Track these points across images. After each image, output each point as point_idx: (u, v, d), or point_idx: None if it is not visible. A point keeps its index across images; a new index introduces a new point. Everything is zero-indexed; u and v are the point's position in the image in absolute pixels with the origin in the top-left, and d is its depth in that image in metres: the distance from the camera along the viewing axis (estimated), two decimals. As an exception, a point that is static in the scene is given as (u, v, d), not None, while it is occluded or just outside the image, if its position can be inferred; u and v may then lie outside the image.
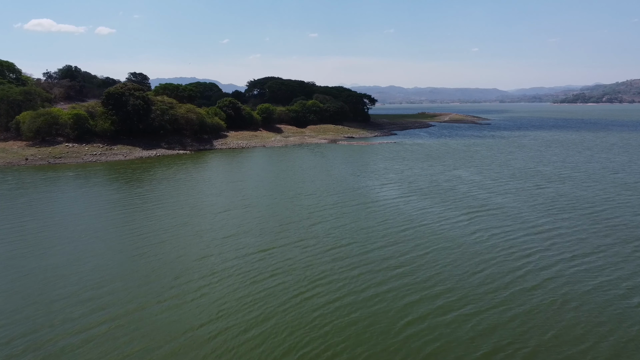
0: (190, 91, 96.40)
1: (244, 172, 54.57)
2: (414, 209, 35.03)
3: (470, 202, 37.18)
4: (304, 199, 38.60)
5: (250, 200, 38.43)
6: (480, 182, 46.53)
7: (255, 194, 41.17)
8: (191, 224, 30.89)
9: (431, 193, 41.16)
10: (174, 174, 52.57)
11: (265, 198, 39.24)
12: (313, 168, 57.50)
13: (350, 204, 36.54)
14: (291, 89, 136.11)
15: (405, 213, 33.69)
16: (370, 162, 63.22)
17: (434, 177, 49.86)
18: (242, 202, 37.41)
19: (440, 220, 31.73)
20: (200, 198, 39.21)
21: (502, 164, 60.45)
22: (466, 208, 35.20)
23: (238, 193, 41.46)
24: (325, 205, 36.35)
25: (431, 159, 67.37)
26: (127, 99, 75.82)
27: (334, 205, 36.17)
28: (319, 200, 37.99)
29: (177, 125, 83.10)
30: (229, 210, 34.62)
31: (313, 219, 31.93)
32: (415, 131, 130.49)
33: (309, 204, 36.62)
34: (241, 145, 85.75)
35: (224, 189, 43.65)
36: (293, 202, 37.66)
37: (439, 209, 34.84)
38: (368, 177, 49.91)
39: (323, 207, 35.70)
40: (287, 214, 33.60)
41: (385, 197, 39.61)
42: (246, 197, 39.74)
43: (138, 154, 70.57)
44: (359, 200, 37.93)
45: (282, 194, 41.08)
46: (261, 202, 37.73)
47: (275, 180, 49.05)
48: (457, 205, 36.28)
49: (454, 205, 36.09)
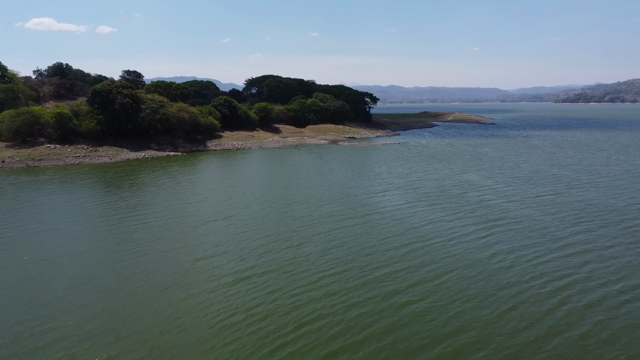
0: (183, 89, 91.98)
1: (235, 176, 50.14)
2: (421, 221, 30.55)
3: (485, 213, 32.66)
4: (296, 209, 34.13)
5: (235, 210, 33.95)
6: (493, 188, 42.02)
7: (243, 202, 36.70)
8: (162, 240, 26.45)
9: (440, 201, 36.67)
10: (158, 178, 48.16)
11: (253, 207, 34.77)
12: (310, 171, 53.06)
13: (349, 215, 32.07)
14: (290, 88, 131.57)
15: (412, 226, 29.21)
16: (372, 165, 58.75)
17: (442, 182, 45.37)
18: (226, 213, 32.94)
19: (453, 236, 27.23)
20: (180, 208, 34.77)
21: (513, 167, 55.93)
22: (481, 220, 30.69)
23: (224, 201, 37.00)
24: (320, 216, 31.88)
25: (437, 161, 62.86)
26: (114, 97, 71.45)
27: (330, 217, 31.69)
28: (314, 210, 33.51)
29: (168, 125, 78.74)
30: (209, 223, 30.17)
31: (305, 235, 27.46)
32: (419, 131, 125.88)
33: (301, 215, 32.14)
34: (236, 146, 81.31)
35: (209, 196, 39.20)
36: (284, 212, 33.18)
37: (450, 221, 30.35)
38: (370, 182, 45.45)
39: (318, 219, 31.23)
40: (275, 228, 29.14)
41: (389, 206, 35.12)
42: (232, 206, 35.27)
43: (125, 156, 66.18)
44: (359, 211, 33.45)
45: (272, 202, 36.61)
46: (248, 212, 33.25)
47: (268, 185, 44.60)
48: (470, 216, 31.77)
49: (467, 217, 31.58)
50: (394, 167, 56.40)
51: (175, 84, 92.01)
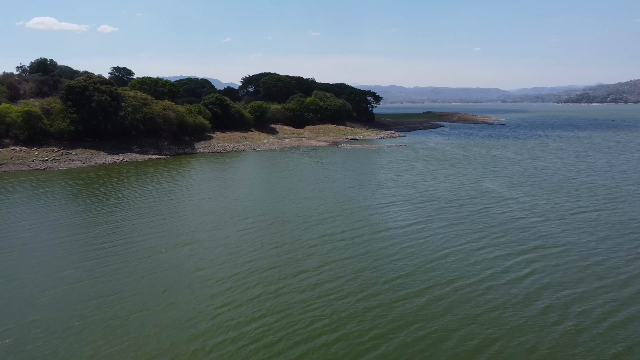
0: (171, 86, 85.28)
1: (217, 185, 43.47)
2: (438, 247, 23.87)
3: (517, 237, 25.92)
4: (282, 231, 27.46)
5: (204, 231, 27.27)
6: (519, 200, 35.29)
7: (217, 220, 30.01)
8: (92, 280, 19.79)
9: (458, 218, 29.96)
10: (125, 187, 41.51)
11: (227, 228, 28.08)
12: (306, 179, 46.37)
13: (345, 242, 25.36)
14: (288, 86, 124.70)
15: (426, 259, 22.49)
16: (376, 170, 52.01)
17: (457, 192, 38.64)
18: (191, 237, 26.25)
19: (482, 275, 20.51)
20: (137, 229, 28.10)
21: (535, 173, 49.20)
22: (515, 248, 23.96)
23: (193, 219, 30.31)
24: (309, 242, 25.18)
25: (448, 165, 56.14)
26: (90, 94, 64.86)
27: (322, 243, 24.97)
28: (303, 233, 26.82)
29: (152, 125, 72.10)
30: (166, 252, 23.51)
31: (286, 272, 20.79)
32: (425, 132, 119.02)
33: (287, 240, 25.45)
34: (227, 149, 74.60)
35: (177, 212, 32.49)
36: (265, 236, 26.50)
37: (475, 250, 23.64)
38: (373, 192, 38.72)
39: (306, 247, 24.54)
40: (250, 259, 22.45)
41: (395, 226, 28.41)
42: (201, 225, 28.58)
43: (100, 160, 59.56)
44: (358, 234, 26.74)
45: (254, 221, 29.91)
46: (218, 235, 26.57)
47: (253, 197, 37.90)
48: (500, 242, 25.06)
49: (496, 243, 24.87)
50: (400, 173, 49.69)
51: (162, 80, 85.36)
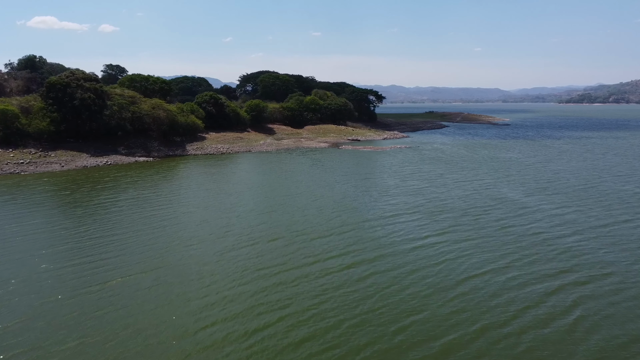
0: (162, 83, 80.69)
1: (201, 193, 39.00)
2: (456, 274, 19.42)
3: (547, 255, 21.47)
4: (268, 251, 22.98)
5: (174, 253, 22.75)
6: (542, 210, 30.87)
7: (193, 237, 25.49)
8: (16, 324, 15.32)
9: (475, 233, 25.53)
10: (98, 194, 36.99)
11: (204, 247, 23.57)
12: (303, 185, 41.91)
13: (344, 264, 20.88)
14: (287, 84, 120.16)
15: (443, 288, 18.03)
16: (380, 175, 47.55)
17: (471, 201, 34.19)
18: (158, 260, 21.72)
19: (518, 310, 16.08)
20: (94, 249, 23.58)
21: (553, 178, 44.89)
22: (548, 270, 19.50)
23: (164, 236, 25.78)
24: (299, 267, 20.69)
25: (458, 169, 51.78)
26: (73, 92, 60.36)
27: (314, 271, 20.47)
28: (293, 255, 22.32)
29: (141, 125, 67.66)
30: (121, 280, 19.03)
31: (268, 318, 16.32)
32: (429, 132, 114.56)
33: (270, 265, 20.94)
34: (221, 150, 70.10)
35: (147, 226, 27.98)
36: (247, 258, 21.97)
37: (502, 275, 19.20)
38: (376, 201, 34.24)
39: (294, 273, 20.04)
40: (224, 294, 17.98)
41: (403, 243, 23.94)
42: (171, 246, 24.03)
43: (82, 162, 55.05)
44: (360, 254, 22.24)
45: (236, 238, 25.39)
46: (194, 256, 22.06)
47: (240, 207, 33.40)
48: (528, 262, 20.64)
49: (523, 264, 20.47)
50: (406, 178, 45.29)
51: (153, 77, 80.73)
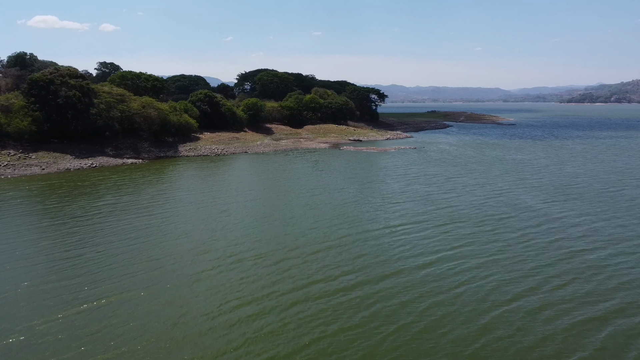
0: (155, 81, 76.61)
1: (187, 199, 34.96)
2: (478, 308, 15.43)
3: (584, 282, 17.57)
4: (253, 273, 18.97)
5: (141, 275, 18.74)
6: (567, 220, 27.05)
7: (167, 255, 21.47)
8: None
9: (494, 249, 21.62)
10: (73, 200, 32.92)
11: (179, 268, 19.54)
12: (300, 189, 37.90)
13: (341, 289, 16.90)
14: (286, 82, 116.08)
15: (463, 327, 14.06)
16: (383, 179, 43.56)
17: (484, 209, 30.27)
18: (119, 285, 17.74)
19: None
20: (52, 268, 19.55)
21: (571, 182, 41.27)
22: (590, 303, 15.57)
23: (135, 254, 21.76)
24: (288, 294, 16.68)
25: (466, 172, 48.09)
26: (57, 89, 56.30)
27: (306, 299, 16.48)
28: (281, 276, 18.31)
29: (131, 124, 63.64)
30: (81, 311, 15.04)
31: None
32: (433, 132, 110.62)
33: (254, 293, 16.95)
34: (215, 152, 66.07)
35: (117, 241, 23.95)
36: (227, 282, 17.97)
37: (534, 306, 15.23)
38: (379, 209, 30.25)
39: (282, 301, 16.04)
40: (196, 330, 13.94)
41: (411, 262, 19.96)
42: (140, 266, 19.99)
43: (65, 165, 51.03)
44: (360, 275, 18.27)
45: (218, 255, 21.36)
46: (164, 280, 18.06)
47: (227, 217, 29.38)
48: (563, 290, 16.71)
49: (559, 292, 16.53)
50: (411, 182, 41.51)
51: (145, 74, 76.68)
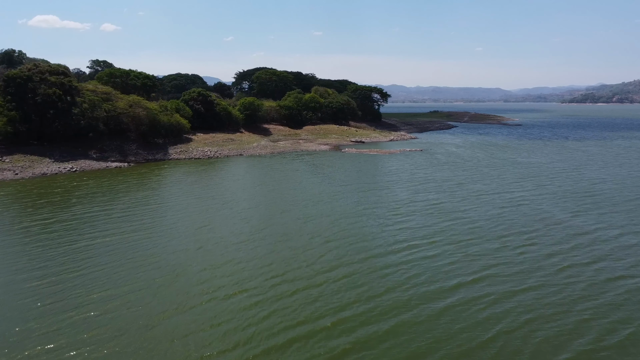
0: (145, 79, 72.26)
1: (160, 213, 30.70)
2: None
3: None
4: (216, 319, 14.68)
5: (96, 304, 14.49)
6: (604, 237, 23.09)
7: (120, 281, 17.18)
8: None
9: (523, 274, 17.61)
10: (35, 211, 28.62)
11: (132, 304, 15.28)
12: (294, 198, 33.63)
13: (342, 346, 12.70)
14: (285, 81, 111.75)
15: None
16: (389, 186, 39.24)
17: (504, 221, 26.00)
18: (48, 325, 13.50)
19: None
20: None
21: (596, 190, 37.29)
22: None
23: (92, 282, 17.49)
24: (272, 343, 12.47)
25: (478, 177, 44.16)
26: (36, 86, 52.04)
27: (291, 350, 12.28)
28: (255, 331, 14.05)
29: (117, 125, 59.36)
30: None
31: None
32: (438, 133, 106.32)
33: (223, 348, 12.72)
34: (208, 154, 61.79)
35: (73, 265, 19.66)
36: (182, 332, 13.71)
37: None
38: (384, 224, 25.99)
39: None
40: None
41: (423, 295, 15.71)
42: (98, 297, 15.72)
43: (41, 169, 46.77)
44: (361, 315, 14.00)
45: (182, 291, 17.10)
46: (104, 324, 13.82)
47: (200, 236, 25.12)
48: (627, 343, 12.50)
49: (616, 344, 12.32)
50: (419, 190, 37.34)
51: (135, 71, 72.28)
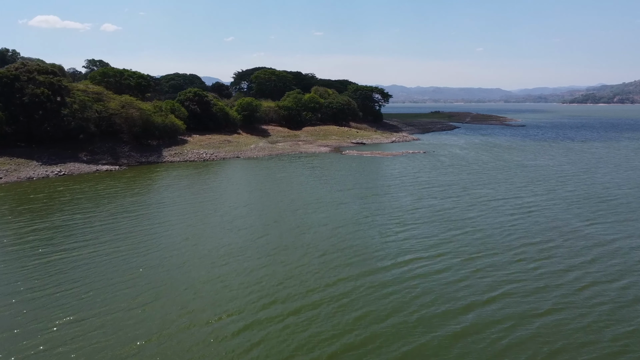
0: (139, 79, 70.07)
1: (139, 224, 28.54)
2: None
3: None
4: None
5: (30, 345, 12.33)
6: (631, 252, 20.64)
7: (85, 305, 15.01)
8: None
9: (550, 301, 15.36)
10: (4, 225, 26.50)
11: (91, 340, 13.12)
12: (289, 206, 31.43)
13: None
14: (284, 81, 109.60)
15: None
16: (391, 190, 37.03)
17: (519, 235, 23.73)
18: None
19: None
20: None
21: (611, 196, 35.53)
22: None
23: (39, 306, 15.31)
24: None
25: (486, 180, 41.94)
26: (23, 86, 49.90)
27: None
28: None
29: (109, 126, 57.20)
30: None
31: None
32: (440, 134, 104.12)
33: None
34: (203, 157, 59.58)
35: (23, 291, 17.51)
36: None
37: None
38: (386, 233, 23.80)
39: None
40: None
41: (438, 326, 13.51)
42: (32, 328, 13.59)
43: (27, 173, 44.60)
44: (359, 349, 11.87)
45: (149, 322, 14.94)
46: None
47: (180, 254, 22.98)
48: None
49: None
50: (424, 195, 35.06)
51: (129, 71, 70.11)
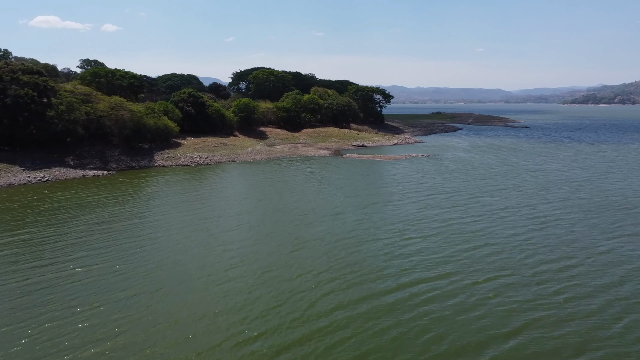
0: (132, 79, 67.32)
1: (117, 240, 25.89)
2: None
3: None
4: None
5: None
6: None
7: (48, 334, 12.40)
8: None
9: (582, 338, 12.59)
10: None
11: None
12: (284, 216, 28.75)
13: None
14: (283, 81, 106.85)
15: None
16: (394, 199, 34.36)
17: (535, 250, 21.11)
18: None
19: None
20: None
21: (630, 205, 32.29)
22: None
23: None
24: None
25: (494, 187, 39.47)
26: (6, 86, 47.22)
27: None
28: None
29: (99, 129, 54.49)
30: None
31: None
32: (443, 136, 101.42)
33: None
34: (197, 160, 56.89)
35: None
36: None
37: None
38: (388, 248, 21.16)
39: None
40: None
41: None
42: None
43: (8, 179, 41.96)
44: None
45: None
46: None
47: (155, 279, 20.26)
48: None
49: None
50: (430, 204, 32.38)
51: (121, 71, 67.37)
